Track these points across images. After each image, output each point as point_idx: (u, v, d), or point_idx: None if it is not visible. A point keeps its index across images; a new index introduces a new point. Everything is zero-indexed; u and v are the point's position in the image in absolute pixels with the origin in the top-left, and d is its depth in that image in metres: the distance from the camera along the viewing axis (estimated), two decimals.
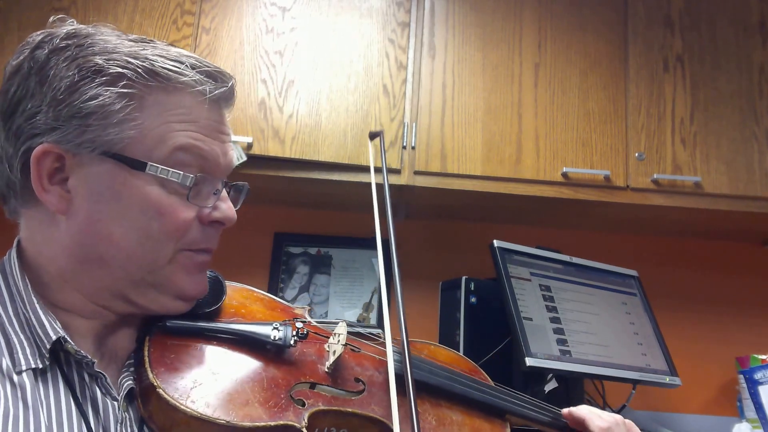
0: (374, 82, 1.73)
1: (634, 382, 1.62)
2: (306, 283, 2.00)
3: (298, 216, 2.05)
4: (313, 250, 2.03)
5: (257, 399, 0.66)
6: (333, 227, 2.05)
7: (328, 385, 0.73)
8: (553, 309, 1.60)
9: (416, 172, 1.70)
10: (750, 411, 1.73)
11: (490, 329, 1.63)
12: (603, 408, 1.72)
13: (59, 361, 0.64)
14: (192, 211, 0.70)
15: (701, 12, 1.85)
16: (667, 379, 1.65)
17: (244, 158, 1.63)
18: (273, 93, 1.70)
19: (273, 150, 1.66)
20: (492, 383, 0.89)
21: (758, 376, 1.70)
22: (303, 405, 0.68)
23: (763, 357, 1.77)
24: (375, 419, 0.71)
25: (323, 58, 1.74)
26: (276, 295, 0.84)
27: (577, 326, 1.61)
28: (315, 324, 0.82)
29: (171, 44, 0.73)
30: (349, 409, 0.71)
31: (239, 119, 1.68)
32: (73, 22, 0.71)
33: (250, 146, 1.65)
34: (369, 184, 1.70)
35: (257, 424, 0.63)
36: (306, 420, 0.66)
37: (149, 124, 0.67)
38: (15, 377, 0.61)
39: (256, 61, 1.72)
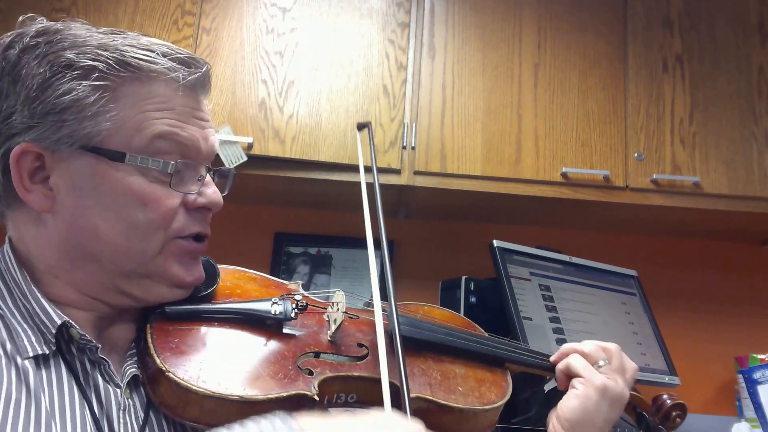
0: (374, 83, 1.74)
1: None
2: (306, 283, 2.00)
3: (298, 216, 2.05)
4: (313, 250, 2.04)
5: (266, 372, 0.66)
6: (333, 227, 2.05)
7: (332, 353, 0.74)
8: (553, 309, 1.60)
9: (416, 172, 1.70)
10: (749, 410, 1.73)
11: (489, 329, 1.63)
12: None
13: (61, 349, 0.65)
14: (176, 198, 0.69)
15: (700, 12, 1.85)
16: (666, 379, 1.66)
17: (245, 158, 1.63)
18: (273, 93, 1.71)
19: (273, 150, 1.67)
20: (487, 335, 0.91)
21: (757, 375, 1.71)
22: (311, 374, 0.69)
23: (762, 357, 1.78)
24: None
25: (323, 59, 1.74)
26: (284, 280, 0.85)
27: (577, 326, 1.61)
28: (311, 296, 0.83)
29: (143, 34, 0.72)
30: (356, 373, 0.72)
31: (240, 119, 1.68)
32: (42, 20, 0.72)
33: (250, 146, 1.65)
34: (370, 184, 1.71)
35: (270, 396, 0.64)
36: (316, 387, 0.67)
37: (125, 115, 0.66)
38: (19, 362, 0.61)
39: (256, 62, 1.73)
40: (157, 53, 0.68)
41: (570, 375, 0.81)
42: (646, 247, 2.09)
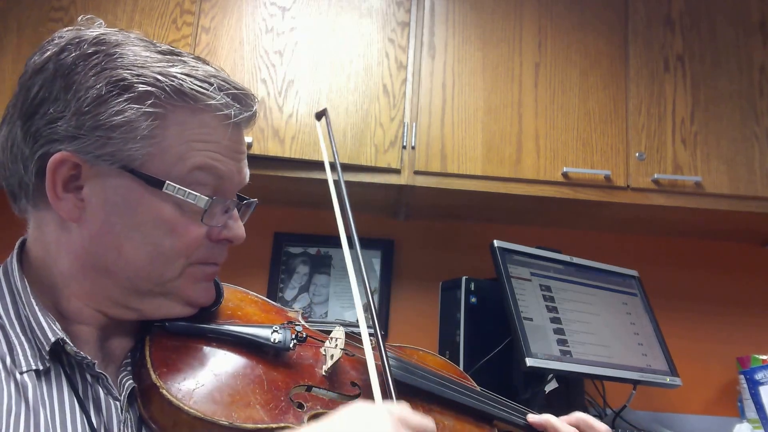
0: (374, 82, 1.73)
1: (635, 383, 1.61)
2: (306, 283, 2.00)
3: (298, 216, 2.05)
4: (312, 250, 2.03)
5: (258, 401, 0.66)
6: (333, 227, 2.03)
7: (325, 389, 0.73)
8: (554, 309, 1.60)
9: (416, 172, 1.69)
10: (751, 411, 1.72)
11: (490, 329, 1.63)
12: (603, 408, 1.72)
13: (61, 363, 0.65)
14: (202, 229, 0.70)
15: (701, 12, 1.85)
16: (668, 380, 1.65)
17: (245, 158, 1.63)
18: (273, 93, 1.70)
19: (273, 150, 1.66)
20: (479, 389, 0.90)
21: (759, 376, 1.70)
22: (302, 408, 0.68)
23: (764, 357, 1.77)
24: None
25: (323, 58, 1.74)
26: (276, 296, 0.85)
27: (578, 326, 1.61)
28: (310, 328, 0.83)
29: (200, 59, 0.72)
30: None
31: None
32: (101, 24, 0.71)
33: (249, 146, 1.64)
34: (369, 184, 1.71)
35: (259, 426, 0.63)
36: (306, 422, 0.67)
37: (170, 142, 0.67)
38: (18, 376, 0.61)
39: (255, 61, 1.72)
40: (215, 87, 0.69)
41: None
42: (648, 248, 2.08)
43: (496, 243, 1.61)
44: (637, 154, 1.74)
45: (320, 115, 1.03)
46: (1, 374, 0.60)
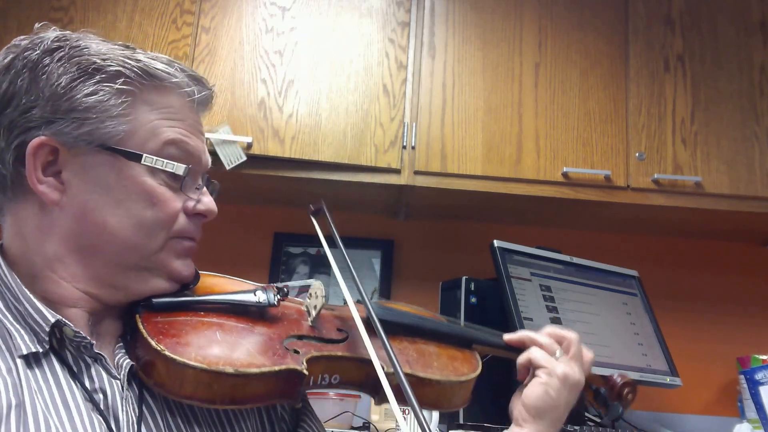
0: (374, 82, 1.73)
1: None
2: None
3: (298, 216, 2.04)
4: (312, 250, 2.03)
5: (257, 350, 0.70)
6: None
7: (314, 337, 0.78)
8: (554, 309, 1.60)
9: (416, 172, 1.69)
10: (751, 411, 1.72)
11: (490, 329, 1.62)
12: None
13: (53, 347, 0.66)
14: (180, 202, 0.73)
15: (702, 11, 1.85)
16: (668, 380, 1.65)
17: (244, 158, 1.63)
18: (273, 93, 1.70)
19: (273, 150, 1.66)
20: (452, 320, 0.99)
21: (759, 376, 1.70)
22: (297, 353, 0.72)
23: (764, 357, 1.77)
24: (363, 359, 0.76)
25: (323, 58, 1.74)
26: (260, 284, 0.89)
27: (578, 326, 1.61)
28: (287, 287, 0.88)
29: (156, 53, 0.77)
30: (338, 353, 0.76)
31: (239, 119, 1.67)
32: (55, 29, 0.74)
33: (249, 146, 1.64)
34: (369, 184, 1.71)
35: (263, 369, 0.67)
36: (305, 363, 0.70)
37: (142, 120, 0.71)
38: (11, 364, 0.62)
39: (255, 61, 1.72)
40: (176, 68, 0.75)
41: (532, 366, 0.86)
42: (648, 248, 2.08)
43: (496, 243, 1.61)
44: (637, 154, 1.74)
45: (316, 211, 1.07)
46: (1, 367, 0.61)
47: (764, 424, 1.65)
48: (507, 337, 0.91)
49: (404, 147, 1.70)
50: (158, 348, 0.65)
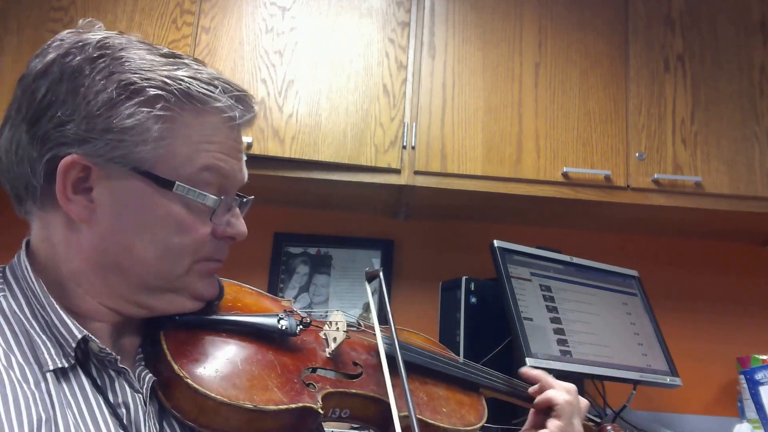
0: (374, 82, 1.73)
1: (635, 383, 1.61)
2: (306, 283, 2.00)
3: (298, 216, 2.05)
4: (313, 250, 2.03)
5: (275, 384, 0.69)
6: (333, 227, 2.04)
7: (330, 370, 0.78)
8: (554, 309, 1.60)
9: (416, 172, 1.69)
10: (751, 411, 1.72)
11: (490, 329, 1.63)
12: (604, 408, 1.72)
13: (79, 361, 0.66)
14: (208, 227, 0.72)
15: (702, 11, 1.85)
16: (668, 380, 1.65)
17: (244, 158, 1.63)
18: (273, 93, 1.70)
19: (273, 150, 1.66)
20: (462, 360, 0.97)
21: (759, 376, 1.70)
22: (314, 388, 0.72)
23: (764, 357, 1.77)
24: (376, 398, 0.76)
25: (323, 58, 1.74)
26: (276, 296, 0.88)
27: (578, 326, 1.61)
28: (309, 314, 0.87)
29: (199, 61, 0.74)
30: (353, 390, 0.76)
31: None
32: (101, 27, 0.73)
33: (249, 146, 1.64)
34: (369, 184, 1.71)
35: (280, 407, 0.67)
36: (320, 401, 0.71)
37: (179, 144, 0.69)
38: (40, 377, 0.62)
39: (255, 61, 1.72)
40: (219, 89, 0.71)
41: (547, 414, 0.88)
42: (648, 248, 2.08)
43: (496, 243, 1.61)
44: (637, 154, 1.74)
45: (372, 276, 1.02)
46: (29, 379, 0.61)
47: (764, 424, 1.65)
48: (524, 371, 0.94)
49: (404, 147, 1.70)
50: (181, 374, 0.65)
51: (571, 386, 0.91)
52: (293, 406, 0.68)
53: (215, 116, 0.71)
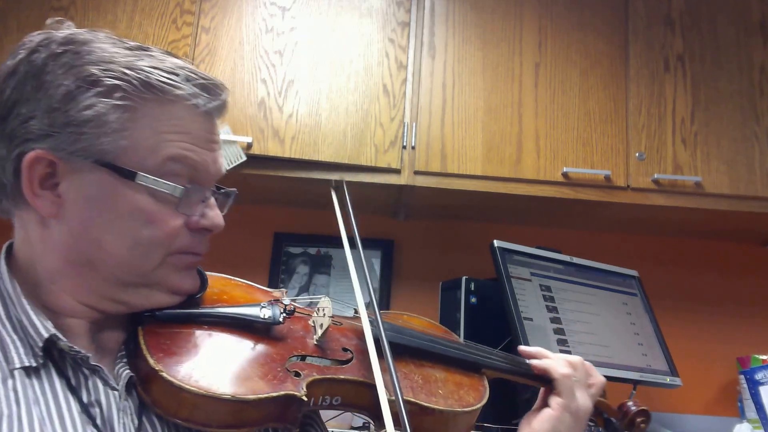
0: (374, 82, 1.73)
1: (635, 383, 1.61)
2: (306, 283, 2.00)
3: (298, 216, 2.05)
4: (312, 250, 2.03)
5: (256, 374, 0.68)
6: (333, 227, 2.03)
7: (318, 357, 0.76)
8: (554, 309, 1.60)
9: (416, 172, 1.69)
10: (751, 411, 1.72)
11: (490, 329, 1.63)
12: None
13: (54, 360, 0.65)
14: (180, 219, 0.71)
15: (702, 12, 1.85)
16: (668, 380, 1.65)
17: (244, 158, 1.63)
18: (273, 93, 1.70)
19: (273, 150, 1.66)
20: (464, 342, 0.95)
21: (759, 376, 1.70)
22: (299, 376, 0.71)
23: (764, 357, 1.77)
24: (366, 383, 0.74)
25: (323, 58, 1.74)
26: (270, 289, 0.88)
27: (578, 326, 1.61)
28: (296, 303, 0.86)
29: (168, 52, 0.73)
30: (342, 376, 0.74)
31: (239, 119, 1.67)
32: (70, 25, 0.72)
33: (249, 146, 1.64)
34: (371, 184, 1.71)
35: (260, 396, 0.65)
36: (304, 389, 0.69)
37: (142, 135, 0.68)
38: (7, 374, 0.62)
39: (255, 61, 1.72)
40: (181, 77, 0.70)
41: (551, 386, 0.86)
42: (648, 248, 2.08)
43: (496, 243, 1.61)
44: (637, 154, 1.74)
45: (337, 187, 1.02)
46: None
47: (764, 424, 1.65)
48: (523, 348, 0.92)
49: (404, 147, 1.70)
50: (156, 368, 0.64)
51: (575, 358, 0.89)
52: (274, 394, 0.66)
53: (179, 105, 0.70)
